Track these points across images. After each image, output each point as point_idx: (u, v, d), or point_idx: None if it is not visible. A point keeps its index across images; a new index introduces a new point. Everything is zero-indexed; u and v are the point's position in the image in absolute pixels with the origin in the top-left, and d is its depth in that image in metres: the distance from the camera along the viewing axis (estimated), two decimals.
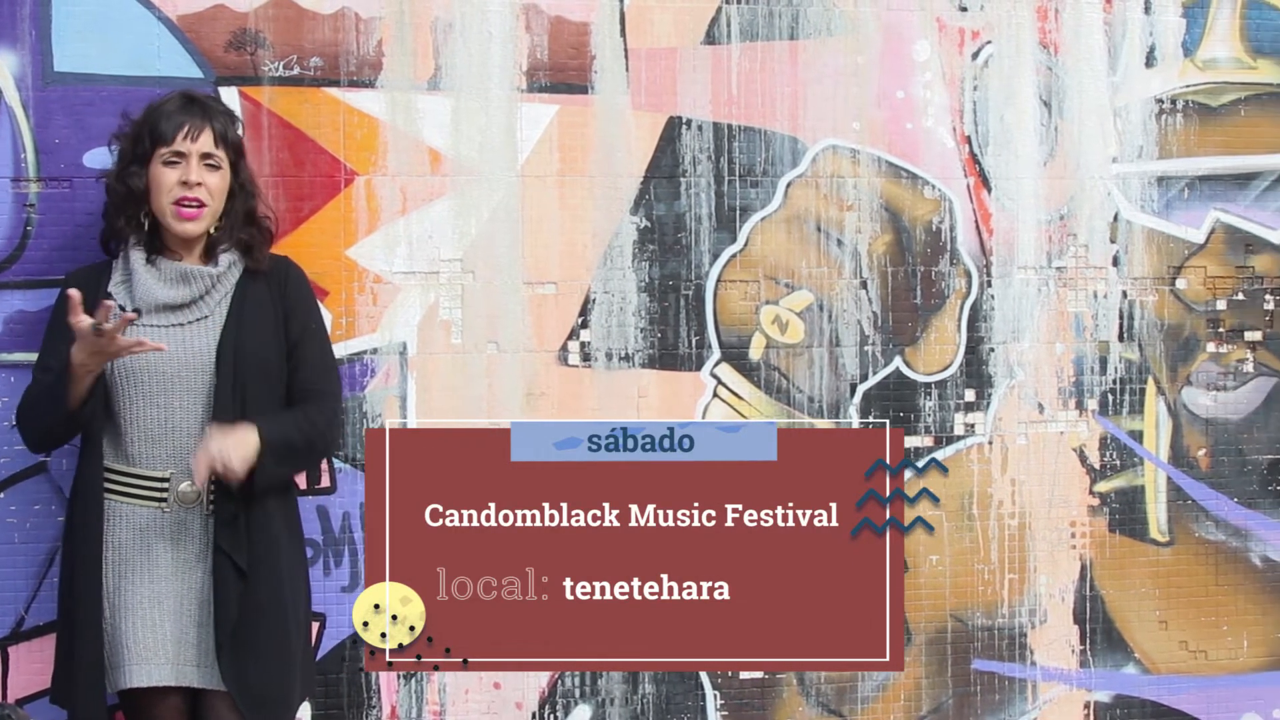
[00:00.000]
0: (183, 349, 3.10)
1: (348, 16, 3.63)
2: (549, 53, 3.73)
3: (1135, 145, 4.01)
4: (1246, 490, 4.09)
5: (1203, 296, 4.06)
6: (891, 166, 3.89)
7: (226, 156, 3.16)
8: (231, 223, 3.18)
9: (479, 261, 3.70)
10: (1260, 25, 4.08)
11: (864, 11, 3.87)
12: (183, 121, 3.12)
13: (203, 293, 3.14)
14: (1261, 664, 4.12)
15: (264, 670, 3.10)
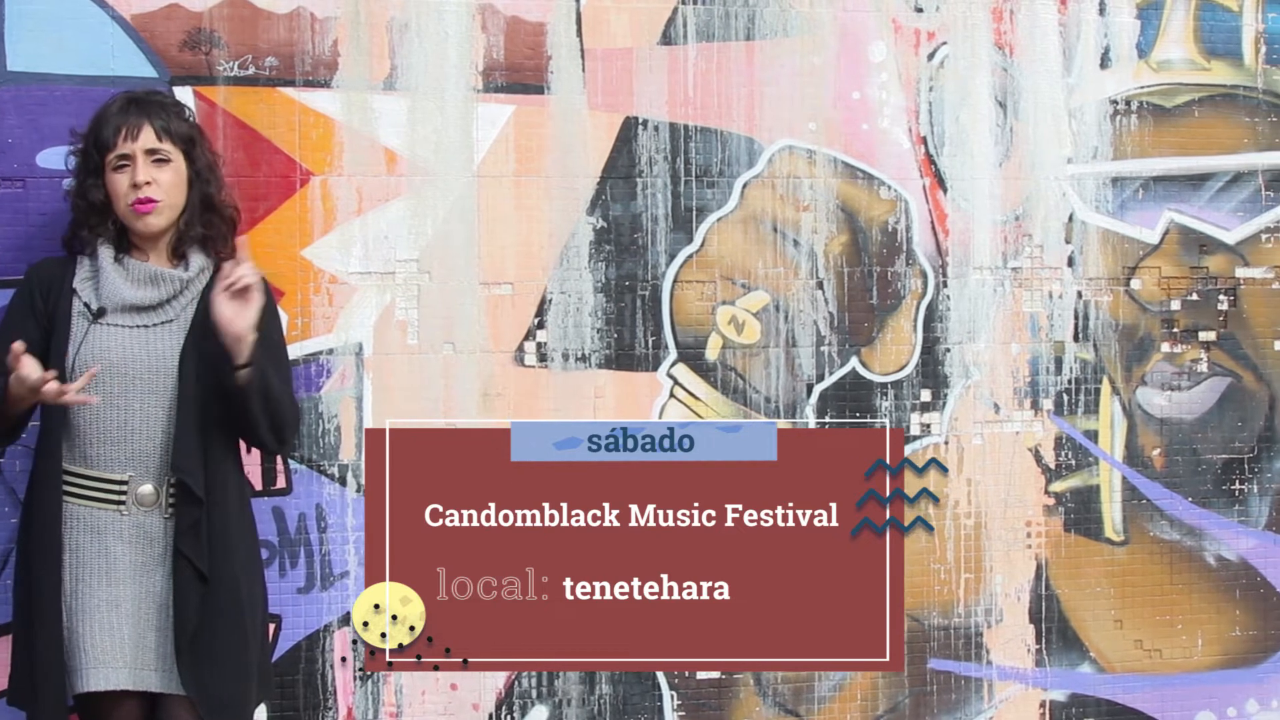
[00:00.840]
0: (146, 351, 3.17)
1: (303, 16, 3.71)
2: (505, 53, 3.82)
3: (1090, 146, 4.14)
4: (1201, 490, 4.23)
5: (1157, 297, 4.19)
6: (848, 167, 4.00)
7: (175, 148, 3.21)
8: (191, 214, 3.23)
9: (435, 262, 3.79)
10: (1214, 27, 4.21)
11: (820, 12, 3.98)
12: (120, 124, 3.18)
13: (170, 296, 3.21)
14: (1215, 663, 4.25)
15: (223, 674, 3.17)
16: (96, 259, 3.20)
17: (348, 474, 3.75)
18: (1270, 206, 4.24)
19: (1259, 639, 4.27)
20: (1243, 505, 4.25)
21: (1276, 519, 4.27)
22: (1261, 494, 4.25)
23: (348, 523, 3.76)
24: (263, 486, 3.70)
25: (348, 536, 3.76)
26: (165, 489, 3.16)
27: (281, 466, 3.73)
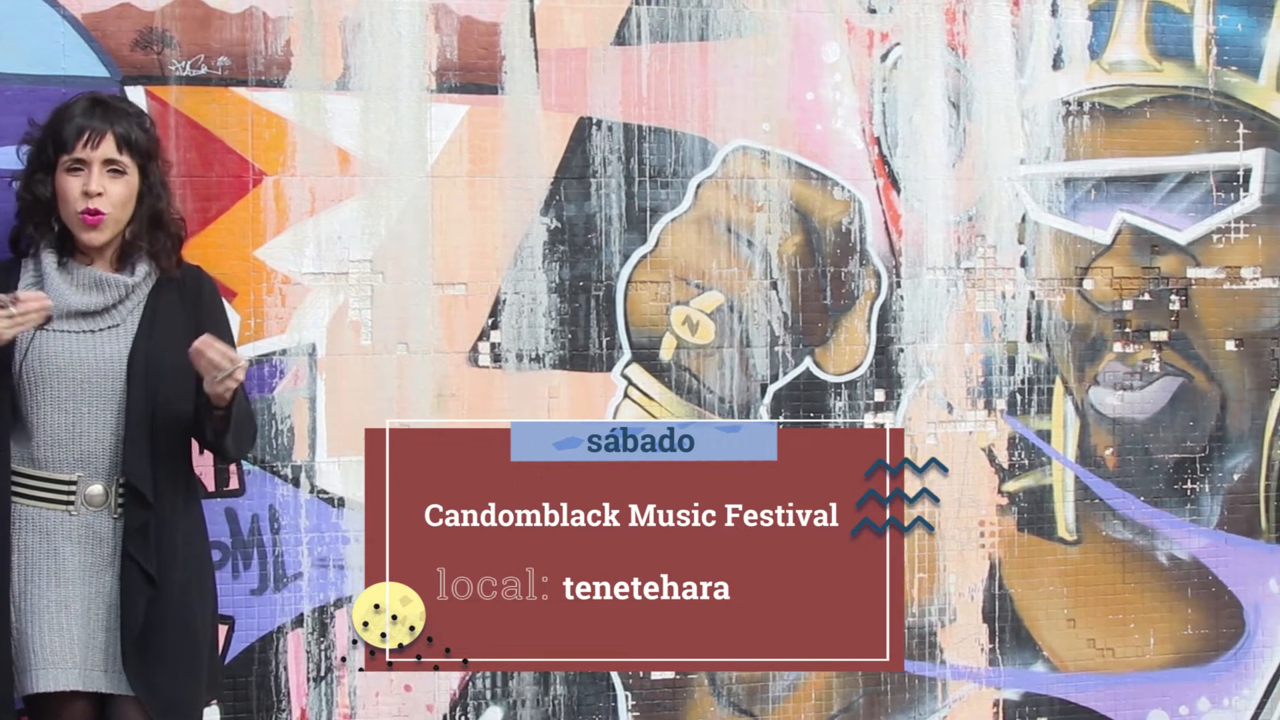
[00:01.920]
0: (94, 356, 3.26)
1: (255, 16, 3.82)
2: (459, 53, 3.93)
3: (1043, 147, 4.28)
4: (1153, 489, 4.38)
5: (1109, 297, 4.34)
6: (801, 168, 4.14)
7: (132, 161, 3.30)
8: (138, 226, 3.32)
9: (388, 262, 3.89)
10: (1165, 28, 4.37)
11: (774, 13, 4.11)
12: (84, 127, 3.25)
13: (116, 301, 3.29)
14: (1167, 661, 4.41)
15: (172, 675, 3.26)
16: (40, 264, 3.29)
17: (301, 475, 3.85)
18: (1221, 207, 4.40)
19: (1211, 637, 4.42)
20: (1194, 504, 4.40)
21: (1228, 518, 4.43)
22: (1213, 493, 4.41)
23: (301, 524, 3.86)
24: (215, 488, 3.80)
25: (301, 538, 3.86)
26: (114, 489, 3.26)
27: (234, 468, 3.82)
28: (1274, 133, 4.43)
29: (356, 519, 3.86)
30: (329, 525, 3.88)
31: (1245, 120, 4.41)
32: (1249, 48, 4.42)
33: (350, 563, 3.88)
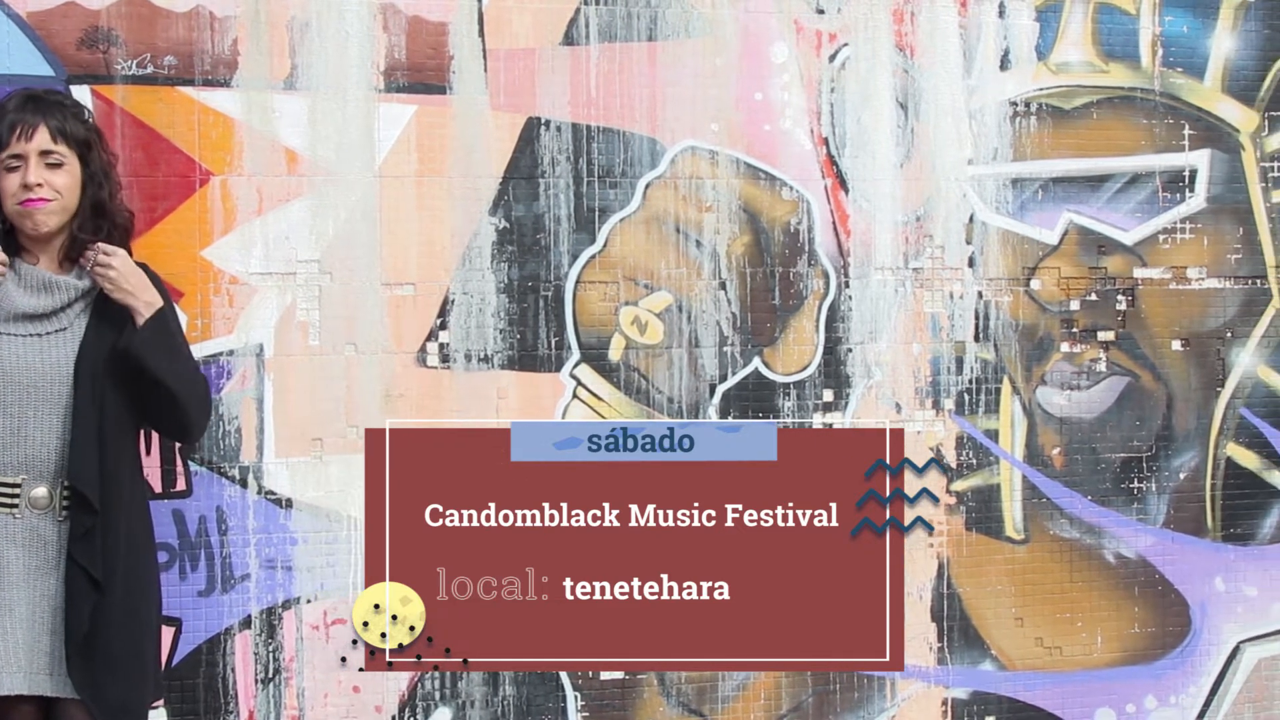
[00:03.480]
0: (41, 360, 3.36)
1: (202, 15, 3.94)
2: (407, 52, 4.07)
3: (990, 147, 4.45)
4: (1100, 488, 4.55)
5: (1056, 297, 4.51)
6: (750, 168, 4.29)
7: (70, 151, 3.39)
8: (83, 218, 3.41)
9: (336, 262, 4.02)
10: (1112, 29, 4.55)
11: (722, 14, 4.26)
12: (15, 122, 3.35)
13: (65, 304, 3.40)
14: (1115, 660, 4.58)
15: (117, 678, 3.37)
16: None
17: (248, 476, 3.97)
18: (1167, 208, 4.57)
19: (1157, 636, 4.60)
20: (1141, 503, 4.58)
21: (1174, 517, 4.61)
22: (1159, 492, 4.58)
23: (249, 525, 3.98)
24: (162, 489, 3.92)
25: (249, 539, 3.98)
26: (59, 493, 3.35)
27: (181, 469, 3.95)
28: (1219, 134, 4.61)
29: (304, 520, 3.99)
30: (277, 526, 4.00)
31: (1191, 121, 4.59)
32: (1195, 49, 4.60)
33: (298, 564, 4.01)
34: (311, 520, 4.00)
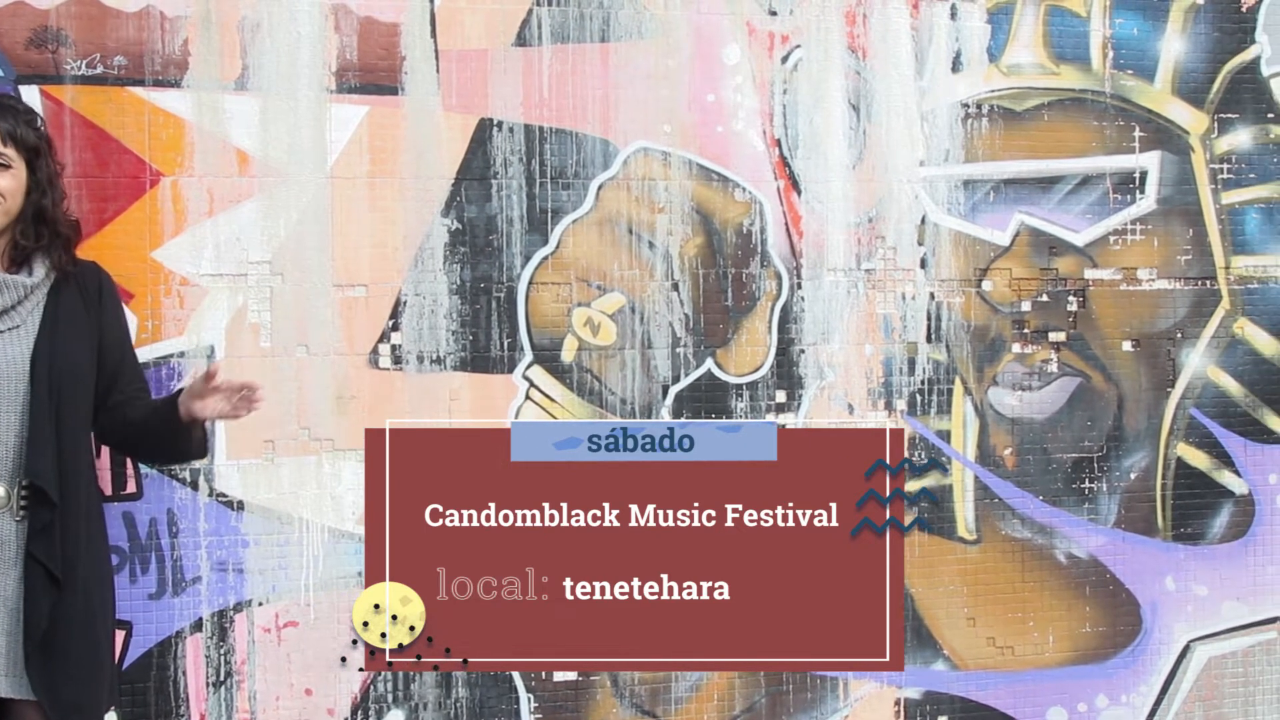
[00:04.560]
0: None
1: (152, 15, 4.00)
2: (359, 53, 4.15)
3: (942, 149, 4.56)
4: (1051, 489, 4.67)
5: (1008, 298, 4.63)
6: (702, 169, 4.38)
7: (19, 155, 3.46)
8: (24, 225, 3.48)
9: (288, 264, 4.10)
10: (1063, 31, 4.66)
11: (675, 15, 4.36)
12: None
13: (15, 302, 3.46)
14: (1066, 659, 4.70)
15: (74, 679, 3.44)
16: None
17: (199, 478, 4.04)
18: (1118, 209, 4.69)
19: (1109, 635, 4.73)
20: (1092, 503, 4.70)
21: (1125, 517, 4.73)
22: (1110, 492, 4.70)
23: (199, 527, 4.06)
24: (112, 491, 3.99)
25: (199, 542, 4.06)
26: (16, 491, 3.42)
27: (132, 471, 4.02)
28: (1170, 136, 4.73)
29: (256, 522, 4.07)
30: (228, 529, 4.07)
31: (1141, 123, 4.71)
32: (1145, 51, 4.72)
33: (250, 566, 4.08)
34: (263, 522, 4.08)
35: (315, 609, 4.13)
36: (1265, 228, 4.80)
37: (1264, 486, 4.83)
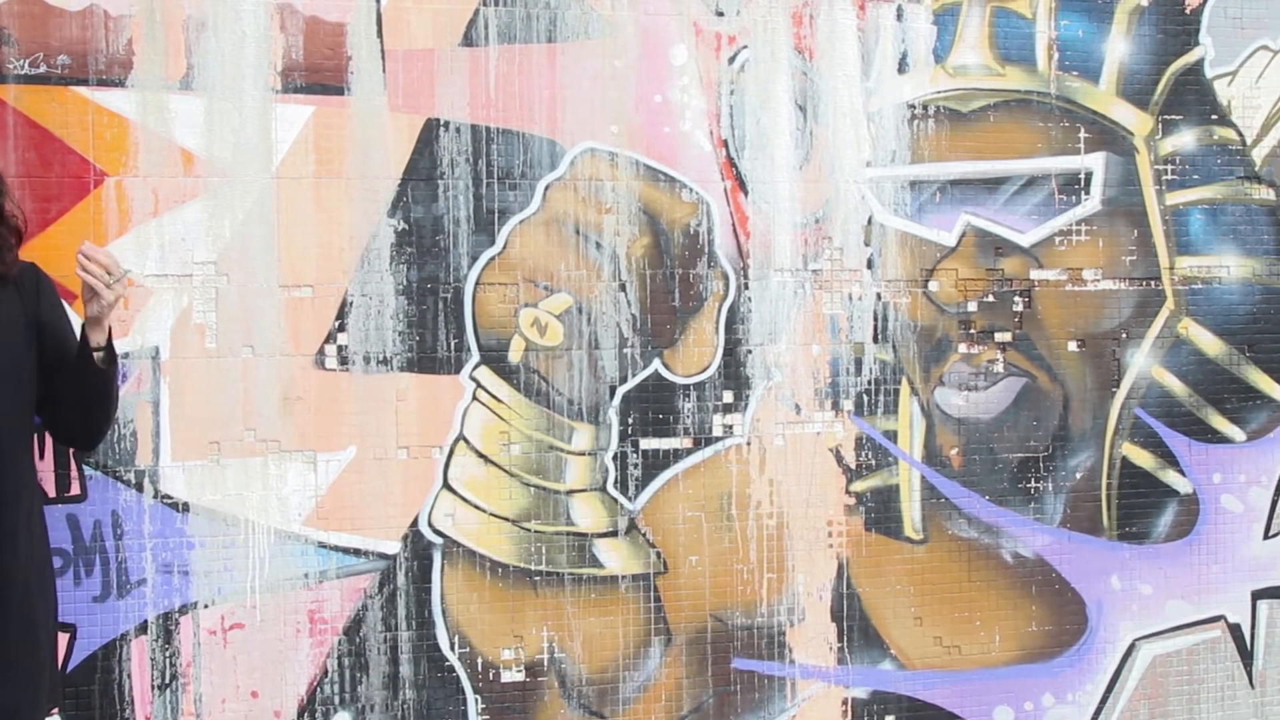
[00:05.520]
0: None
1: (96, 14, 4.06)
2: (304, 53, 4.21)
3: (888, 150, 4.67)
4: (997, 488, 4.79)
5: (954, 298, 4.74)
6: (649, 170, 4.47)
7: None
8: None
9: (233, 264, 4.16)
10: (1008, 33, 4.78)
11: (621, 15, 4.45)
12: None
13: None
14: (1012, 658, 4.81)
15: (13, 681, 3.48)
16: None
17: (144, 480, 4.10)
18: (1063, 210, 4.81)
19: (1054, 634, 4.85)
20: (1038, 503, 4.82)
21: (1071, 516, 4.85)
22: (1056, 492, 4.82)
23: (144, 529, 4.11)
24: (56, 493, 4.04)
25: (144, 544, 4.11)
26: None
27: (76, 473, 4.06)
28: (1114, 137, 4.86)
29: (202, 524, 4.13)
30: (173, 530, 4.13)
31: (1086, 124, 4.83)
32: (1090, 53, 4.84)
33: (195, 568, 4.14)
34: (209, 524, 4.13)
35: (261, 611, 4.19)
36: (1209, 228, 4.93)
37: (1208, 486, 4.95)
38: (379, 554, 4.27)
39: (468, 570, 4.33)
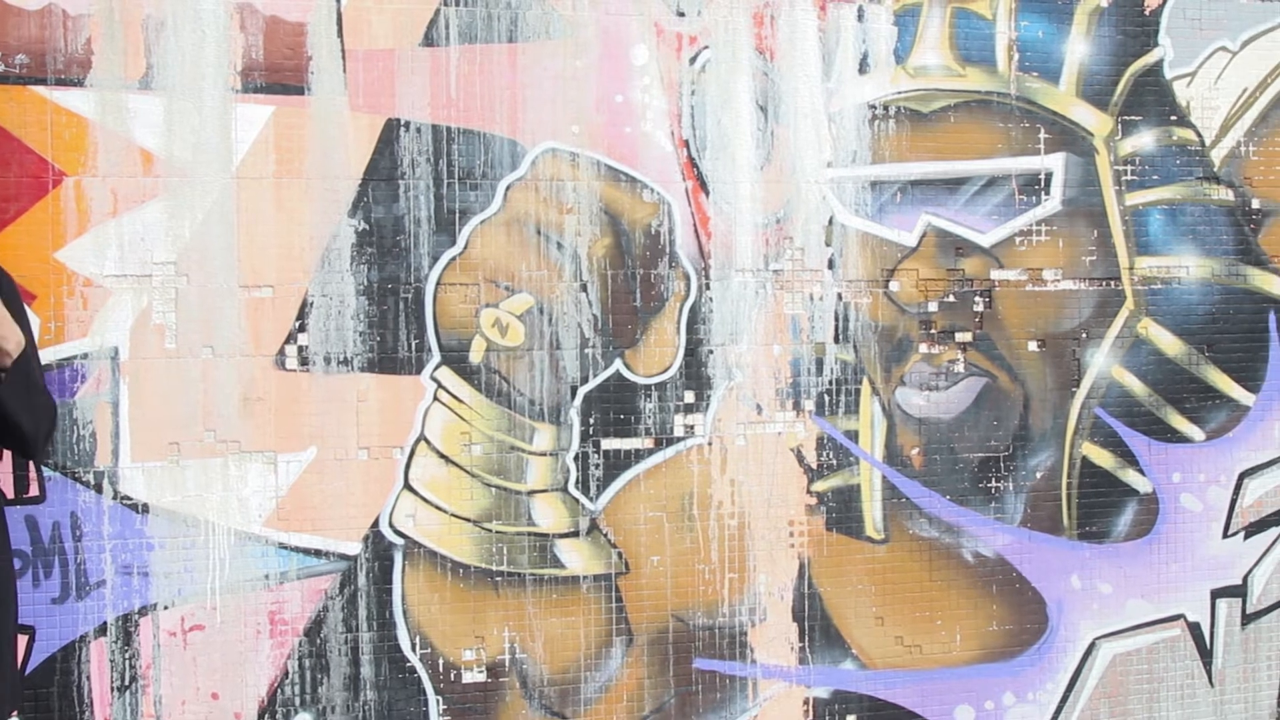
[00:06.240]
0: None
1: (55, 13, 4.10)
2: (264, 53, 4.26)
3: (849, 150, 4.74)
4: (958, 488, 4.87)
5: (915, 298, 4.81)
6: (611, 170, 4.53)
7: None
8: None
9: (193, 264, 4.21)
10: (969, 34, 4.85)
11: (583, 15, 4.50)
12: None
13: None
14: (973, 657, 4.89)
15: None
16: None
17: (104, 481, 4.14)
18: (1023, 210, 4.89)
19: (1015, 633, 4.93)
20: (999, 503, 4.89)
21: (1031, 516, 4.93)
22: (1017, 491, 4.90)
23: (104, 531, 4.15)
24: (14, 494, 4.08)
25: (104, 545, 4.15)
26: None
27: (35, 474, 4.11)
28: (1074, 137, 4.94)
29: (161, 525, 4.17)
30: (133, 532, 4.17)
31: (1046, 125, 4.91)
32: (1050, 54, 4.92)
33: (155, 570, 4.18)
34: (168, 525, 4.18)
35: (222, 612, 4.24)
36: (1168, 229, 5.02)
37: (1167, 485, 5.04)
38: (340, 555, 4.32)
39: (429, 571, 4.39)
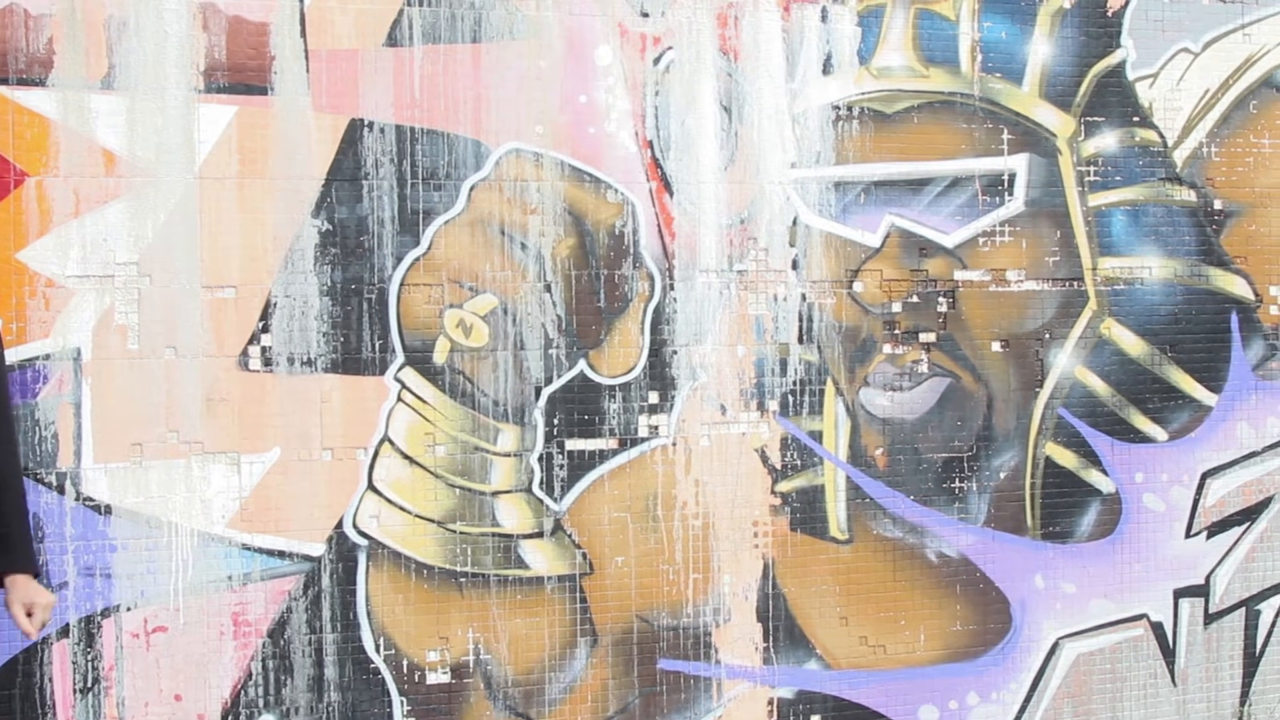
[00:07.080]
0: None
1: (16, 13, 4.15)
2: (227, 53, 4.31)
3: (813, 151, 4.82)
4: (922, 488, 4.95)
5: (879, 299, 4.89)
6: (575, 170, 4.60)
7: None
8: None
9: (156, 265, 4.26)
10: (932, 35, 4.94)
11: (546, 16, 4.57)
12: None
13: None
14: (937, 657, 4.98)
15: None
16: None
17: (66, 482, 4.18)
18: (987, 211, 4.98)
19: (979, 633, 5.02)
20: (962, 503, 4.98)
21: (995, 516, 5.02)
22: (980, 491, 4.99)
23: (66, 532, 4.19)
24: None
25: (66, 546, 4.19)
26: None
27: None
28: (1037, 138, 5.03)
29: (124, 526, 4.22)
30: (96, 533, 4.22)
31: (1010, 126, 5.01)
32: (1013, 55, 5.02)
33: (118, 571, 4.23)
34: (131, 526, 4.23)
35: (185, 614, 4.28)
36: (1131, 229, 5.11)
37: (1130, 485, 5.14)
38: (303, 556, 4.37)
39: (393, 572, 4.45)
